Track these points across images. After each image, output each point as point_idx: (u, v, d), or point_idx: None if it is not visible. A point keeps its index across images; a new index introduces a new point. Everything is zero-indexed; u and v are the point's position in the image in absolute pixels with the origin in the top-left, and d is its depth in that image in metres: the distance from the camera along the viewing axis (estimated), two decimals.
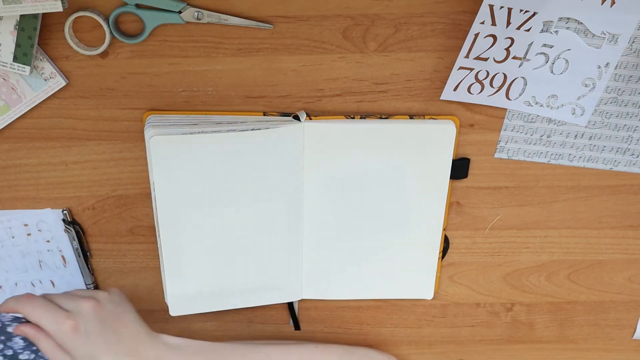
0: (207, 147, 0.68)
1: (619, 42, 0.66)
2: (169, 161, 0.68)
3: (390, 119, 0.71)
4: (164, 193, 0.70)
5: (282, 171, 0.71)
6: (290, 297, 0.81)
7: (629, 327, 0.85)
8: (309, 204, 0.74)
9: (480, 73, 0.67)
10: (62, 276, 0.80)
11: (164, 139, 0.67)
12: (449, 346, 0.87)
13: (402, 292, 0.81)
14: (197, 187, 0.70)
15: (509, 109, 0.71)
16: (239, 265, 0.76)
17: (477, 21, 0.63)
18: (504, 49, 0.66)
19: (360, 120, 0.71)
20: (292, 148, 0.71)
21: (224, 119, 0.70)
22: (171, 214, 0.71)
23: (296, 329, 0.85)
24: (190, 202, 0.71)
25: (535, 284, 0.82)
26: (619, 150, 0.74)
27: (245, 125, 0.69)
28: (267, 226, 0.74)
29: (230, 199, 0.72)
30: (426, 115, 0.71)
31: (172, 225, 0.72)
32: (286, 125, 0.69)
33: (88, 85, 0.69)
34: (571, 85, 0.69)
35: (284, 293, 0.80)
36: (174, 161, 0.68)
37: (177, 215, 0.71)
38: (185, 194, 0.70)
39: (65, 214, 0.75)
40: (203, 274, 0.75)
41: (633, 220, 0.79)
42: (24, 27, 0.63)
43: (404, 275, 0.79)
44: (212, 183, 0.70)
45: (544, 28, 0.65)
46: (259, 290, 0.78)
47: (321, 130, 0.70)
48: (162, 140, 0.67)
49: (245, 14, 0.66)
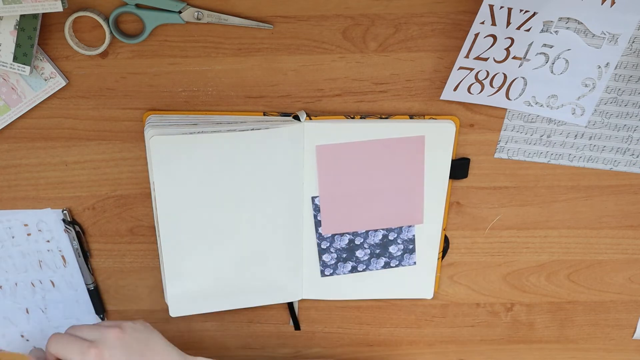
0: (207, 147, 0.68)
1: (619, 42, 0.66)
2: (169, 161, 0.68)
3: (390, 118, 0.71)
4: (164, 193, 0.70)
5: (282, 171, 0.71)
6: (290, 297, 0.81)
7: (629, 327, 0.85)
8: (309, 204, 0.74)
9: (480, 73, 0.67)
10: (62, 276, 0.80)
11: (164, 138, 0.67)
12: (449, 346, 0.87)
13: (401, 292, 0.81)
14: (197, 187, 0.70)
15: (509, 109, 0.71)
16: (239, 266, 0.76)
17: (477, 21, 0.63)
18: (504, 49, 0.66)
19: (360, 120, 0.71)
20: (292, 148, 0.71)
21: (224, 119, 0.70)
22: (171, 214, 0.71)
23: (296, 329, 0.85)
24: (191, 202, 0.71)
25: (535, 284, 0.82)
26: (619, 150, 0.74)
27: (245, 125, 0.69)
28: (267, 226, 0.74)
29: (231, 199, 0.72)
30: (426, 115, 0.71)
31: (172, 225, 0.72)
32: (286, 125, 0.69)
33: (88, 85, 0.69)
34: (571, 85, 0.69)
35: (284, 293, 0.80)
36: (174, 161, 0.68)
37: (177, 215, 0.71)
38: (186, 194, 0.70)
39: (65, 214, 0.75)
40: (203, 274, 0.75)
41: (633, 220, 0.79)
42: (24, 27, 0.63)
43: (404, 275, 0.79)
44: (212, 183, 0.70)
45: (544, 28, 0.65)
46: (259, 290, 0.78)
47: (321, 130, 0.70)
48: (162, 140, 0.67)
49: (245, 14, 0.66)
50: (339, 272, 0.79)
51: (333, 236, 0.77)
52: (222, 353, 0.87)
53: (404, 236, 0.77)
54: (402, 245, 0.77)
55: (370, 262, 0.78)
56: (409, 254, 0.78)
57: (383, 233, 0.77)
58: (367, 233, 0.77)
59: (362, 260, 0.78)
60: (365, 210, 0.75)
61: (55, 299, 0.81)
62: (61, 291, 0.81)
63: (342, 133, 0.71)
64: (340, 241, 0.77)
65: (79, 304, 0.82)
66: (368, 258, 0.78)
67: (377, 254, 0.78)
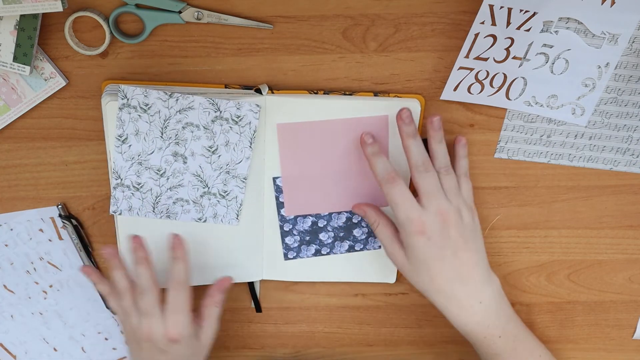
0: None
1: (619, 42, 0.66)
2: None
3: (355, 95, 0.70)
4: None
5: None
6: (250, 276, 0.79)
7: (629, 327, 0.85)
8: (271, 184, 0.73)
9: (480, 73, 0.67)
10: (64, 275, 0.80)
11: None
12: (449, 346, 0.87)
13: (365, 276, 0.80)
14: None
15: (509, 109, 0.71)
16: (198, 242, 0.74)
17: (477, 21, 0.63)
18: (504, 49, 0.66)
19: (323, 95, 0.70)
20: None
21: (185, 90, 0.68)
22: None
23: (257, 311, 0.83)
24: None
25: (535, 284, 0.82)
26: (619, 150, 0.74)
27: (206, 96, 0.67)
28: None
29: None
30: (391, 93, 0.70)
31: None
32: (247, 97, 0.68)
33: (88, 85, 0.69)
34: (571, 85, 0.69)
35: (244, 273, 0.78)
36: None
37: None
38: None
39: (60, 208, 0.75)
40: (161, 250, 0.74)
41: (633, 220, 0.79)
42: (24, 27, 0.63)
43: (369, 259, 0.78)
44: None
45: (544, 28, 0.65)
46: (219, 268, 0.77)
47: (283, 105, 0.69)
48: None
49: (245, 14, 0.66)
50: (302, 255, 0.78)
51: (296, 218, 0.75)
52: (222, 353, 0.87)
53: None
54: (367, 229, 0.77)
55: (334, 245, 0.77)
56: (373, 237, 0.77)
57: (347, 216, 0.76)
58: (331, 215, 0.76)
59: (326, 244, 0.77)
60: (328, 192, 0.74)
61: (65, 299, 0.82)
62: (65, 294, 0.81)
63: (305, 109, 0.69)
64: (303, 223, 0.76)
65: (90, 302, 0.82)
66: (332, 241, 0.77)
67: (341, 237, 0.77)
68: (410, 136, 0.67)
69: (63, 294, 0.81)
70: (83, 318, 0.83)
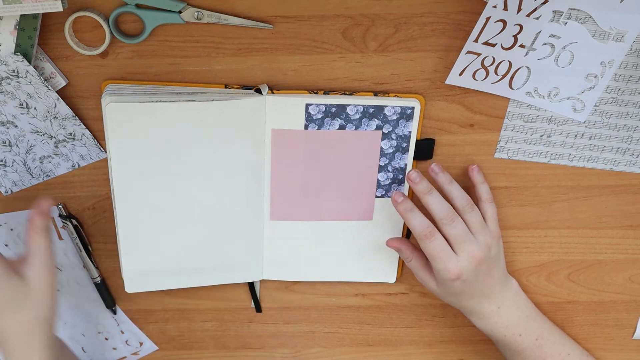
0: (166, 117, 0.66)
1: (625, 39, 0.66)
2: (125, 130, 0.66)
3: (354, 95, 0.70)
4: (120, 162, 0.68)
5: (243, 145, 0.70)
6: (250, 277, 0.79)
7: (629, 327, 0.85)
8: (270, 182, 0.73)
9: (487, 59, 0.67)
10: (66, 275, 0.80)
11: (120, 106, 0.65)
12: (449, 346, 0.87)
13: (364, 275, 0.80)
14: (155, 159, 0.68)
15: (511, 98, 0.70)
16: (198, 242, 0.74)
17: (490, 5, 0.63)
18: (512, 35, 0.65)
19: (323, 95, 0.70)
20: (253, 123, 0.69)
21: (185, 90, 0.68)
22: (128, 185, 0.69)
23: (257, 311, 0.83)
24: (148, 174, 0.69)
25: (535, 284, 0.82)
26: (619, 150, 0.74)
27: (206, 96, 0.67)
28: (227, 202, 0.72)
29: (189, 172, 0.70)
30: (391, 94, 0.70)
31: (129, 197, 0.70)
32: (247, 97, 0.68)
33: (88, 85, 0.69)
34: (574, 79, 0.69)
35: (244, 273, 0.78)
36: (130, 130, 0.66)
37: (134, 187, 0.69)
38: (142, 164, 0.68)
39: (60, 208, 0.75)
40: (160, 249, 0.74)
41: (633, 220, 0.79)
42: (24, 27, 0.63)
43: (368, 258, 0.78)
44: (170, 155, 0.68)
45: (554, 18, 0.65)
46: (219, 268, 0.76)
47: (283, 104, 0.69)
48: (119, 107, 0.65)
49: (245, 14, 0.66)
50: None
51: None
52: (222, 353, 0.87)
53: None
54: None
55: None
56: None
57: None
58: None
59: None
60: (315, 201, 0.74)
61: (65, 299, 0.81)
62: (67, 294, 0.81)
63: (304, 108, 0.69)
64: None
65: (90, 302, 0.82)
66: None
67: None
68: (426, 193, 0.69)
69: (63, 294, 0.81)
70: (83, 318, 0.83)
